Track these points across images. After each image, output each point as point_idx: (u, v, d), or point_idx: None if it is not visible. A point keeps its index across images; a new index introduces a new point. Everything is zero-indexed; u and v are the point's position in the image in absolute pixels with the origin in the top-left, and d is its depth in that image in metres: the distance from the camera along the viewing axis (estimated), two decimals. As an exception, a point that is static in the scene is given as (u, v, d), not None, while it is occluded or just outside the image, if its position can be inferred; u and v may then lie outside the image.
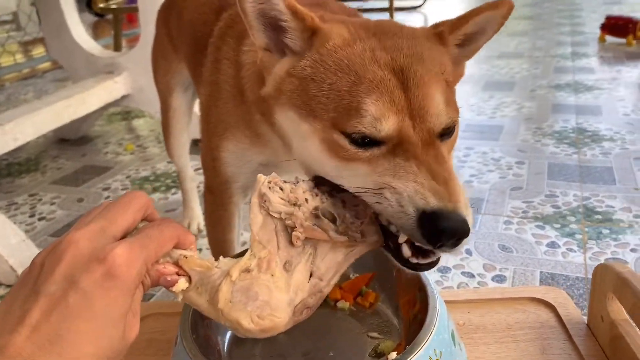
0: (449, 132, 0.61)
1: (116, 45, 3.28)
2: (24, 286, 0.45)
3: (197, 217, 1.56)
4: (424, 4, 5.02)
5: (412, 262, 0.57)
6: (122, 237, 0.49)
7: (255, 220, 0.55)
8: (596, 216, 1.44)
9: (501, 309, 0.85)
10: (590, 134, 2.00)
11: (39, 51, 4.19)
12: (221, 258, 0.55)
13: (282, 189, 0.56)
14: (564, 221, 1.43)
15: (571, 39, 3.57)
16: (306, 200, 0.56)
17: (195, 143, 1.62)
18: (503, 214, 1.49)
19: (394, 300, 0.77)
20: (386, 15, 4.02)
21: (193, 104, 1.39)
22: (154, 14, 1.36)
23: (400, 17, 4.39)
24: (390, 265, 0.77)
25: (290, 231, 0.55)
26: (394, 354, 0.60)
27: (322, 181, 0.62)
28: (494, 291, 0.93)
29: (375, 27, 0.65)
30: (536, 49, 3.41)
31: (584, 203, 1.51)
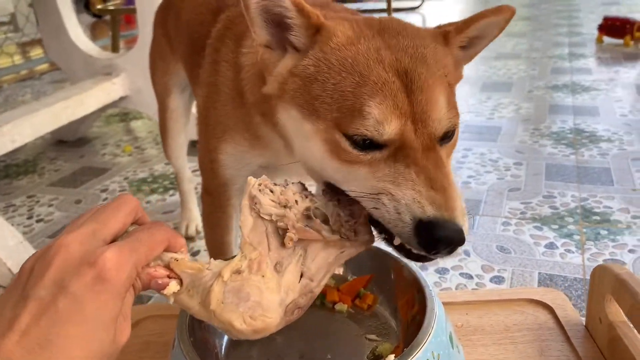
0: (449, 135, 0.61)
1: (114, 46, 3.28)
2: (13, 291, 0.45)
3: (195, 219, 1.55)
4: (421, 5, 5.03)
5: (413, 253, 0.58)
6: (112, 241, 0.49)
7: (246, 222, 0.55)
8: (594, 217, 1.44)
9: (499, 310, 0.85)
10: (588, 134, 2.01)
11: (36, 52, 4.19)
12: (212, 260, 0.55)
13: (272, 191, 0.56)
14: (562, 222, 1.43)
15: (569, 39, 3.58)
16: (296, 202, 0.56)
17: (193, 144, 1.61)
18: (501, 215, 1.49)
19: (392, 302, 0.77)
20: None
21: (191, 105, 1.38)
22: (152, 15, 1.36)
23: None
24: (389, 267, 0.77)
25: (281, 233, 0.55)
26: (392, 357, 0.60)
27: (331, 187, 0.62)
28: (491, 293, 0.93)
29: (379, 24, 0.64)
30: (534, 50, 3.42)
31: (582, 204, 1.52)
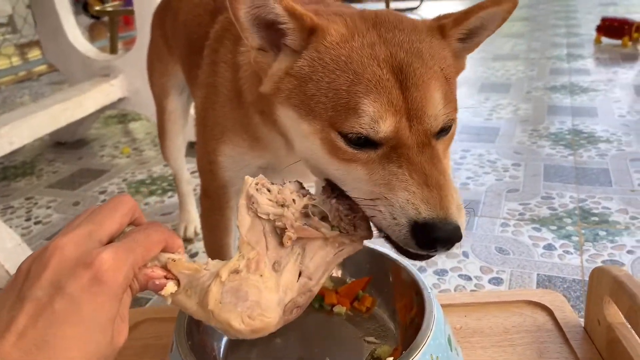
0: (446, 129, 0.61)
1: (112, 47, 3.27)
2: (10, 292, 0.45)
3: (194, 220, 1.55)
4: (420, 5, 5.04)
5: (412, 252, 0.57)
6: (109, 242, 0.49)
7: (244, 222, 0.55)
8: (592, 218, 1.45)
9: (498, 312, 0.85)
10: (586, 135, 2.01)
11: (34, 54, 4.19)
12: (209, 260, 0.55)
13: (269, 190, 0.56)
14: (561, 223, 1.43)
15: (567, 40, 3.58)
16: (294, 200, 0.56)
17: (191, 146, 1.61)
18: (499, 216, 1.49)
19: (391, 305, 0.77)
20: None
21: (189, 106, 1.38)
22: (150, 17, 1.36)
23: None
24: (387, 270, 0.77)
25: (279, 232, 0.55)
26: (390, 359, 0.60)
27: (332, 182, 0.62)
28: (490, 294, 0.92)
29: (374, 18, 0.63)
30: (532, 50, 3.42)
31: (580, 205, 1.52)
